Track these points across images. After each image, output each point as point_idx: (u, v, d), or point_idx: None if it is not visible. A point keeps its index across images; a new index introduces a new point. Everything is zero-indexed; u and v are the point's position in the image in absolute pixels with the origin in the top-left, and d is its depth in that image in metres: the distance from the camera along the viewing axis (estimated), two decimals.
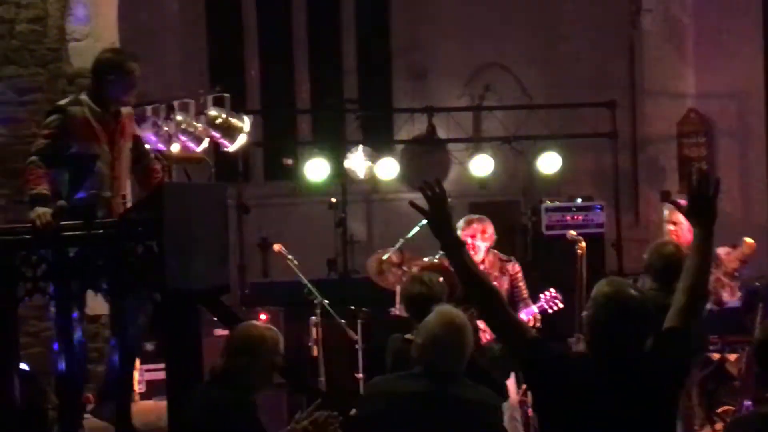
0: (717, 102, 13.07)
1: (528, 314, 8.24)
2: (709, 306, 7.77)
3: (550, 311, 8.41)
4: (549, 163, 12.22)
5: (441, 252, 7.88)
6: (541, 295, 8.46)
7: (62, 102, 6.44)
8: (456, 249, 4.13)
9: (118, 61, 6.40)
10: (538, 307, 8.36)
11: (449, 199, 4.17)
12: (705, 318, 6.82)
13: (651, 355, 3.94)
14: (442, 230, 4.12)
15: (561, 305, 8.43)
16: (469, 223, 8.25)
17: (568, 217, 12.06)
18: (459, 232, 7.95)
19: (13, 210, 7.67)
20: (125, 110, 6.52)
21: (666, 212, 8.33)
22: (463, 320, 4.78)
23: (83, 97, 6.35)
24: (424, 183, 4.15)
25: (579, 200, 12.31)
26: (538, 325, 8.23)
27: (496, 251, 8.40)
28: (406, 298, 6.27)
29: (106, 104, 6.35)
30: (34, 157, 6.16)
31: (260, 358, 4.97)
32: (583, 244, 8.87)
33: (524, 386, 7.83)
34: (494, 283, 7.94)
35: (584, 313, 4.01)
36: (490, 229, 8.27)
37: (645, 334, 3.94)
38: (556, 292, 8.46)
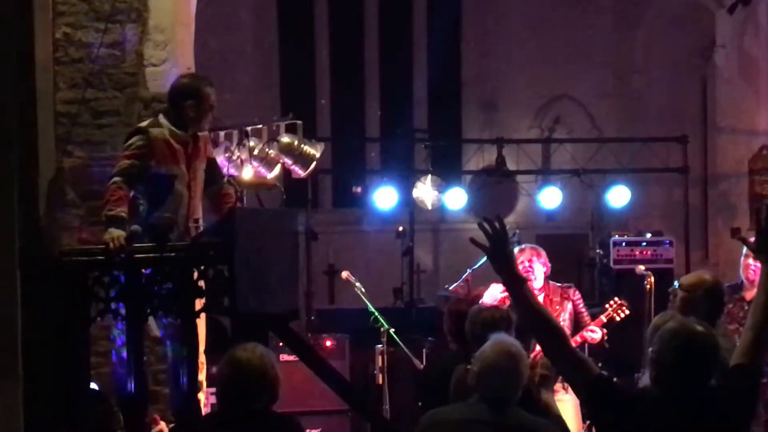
0: None
1: (597, 324, 8.24)
2: None
3: (617, 319, 8.36)
4: (618, 196, 12.17)
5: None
6: (607, 306, 8.42)
7: (143, 124, 6.51)
8: (518, 285, 4.07)
9: (195, 86, 6.48)
10: (606, 316, 8.33)
11: (516, 231, 4.16)
12: None
13: (718, 392, 3.91)
14: (503, 267, 4.06)
15: (627, 311, 8.39)
16: (522, 250, 8.25)
17: (637, 252, 11.96)
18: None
19: (87, 231, 7.77)
20: (202, 134, 6.62)
21: (745, 248, 8.25)
22: (518, 348, 4.77)
23: (162, 119, 6.43)
24: (485, 219, 4.10)
25: (648, 235, 12.21)
26: (606, 337, 8.23)
27: (552, 282, 8.39)
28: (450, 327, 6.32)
29: (184, 127, 6.43)
30: (117, 178, 6.21)
31: (271, 385, 4.94)
32: (652, 279, 8.82)
33: (588, 421, 7.78)
34: (557, 308, 8.04)
35: (650, 349, 3.99)
36: (544, 254, 8.26)
37: (711, 369, 3.92)
38: (621, 299, 8.44)
